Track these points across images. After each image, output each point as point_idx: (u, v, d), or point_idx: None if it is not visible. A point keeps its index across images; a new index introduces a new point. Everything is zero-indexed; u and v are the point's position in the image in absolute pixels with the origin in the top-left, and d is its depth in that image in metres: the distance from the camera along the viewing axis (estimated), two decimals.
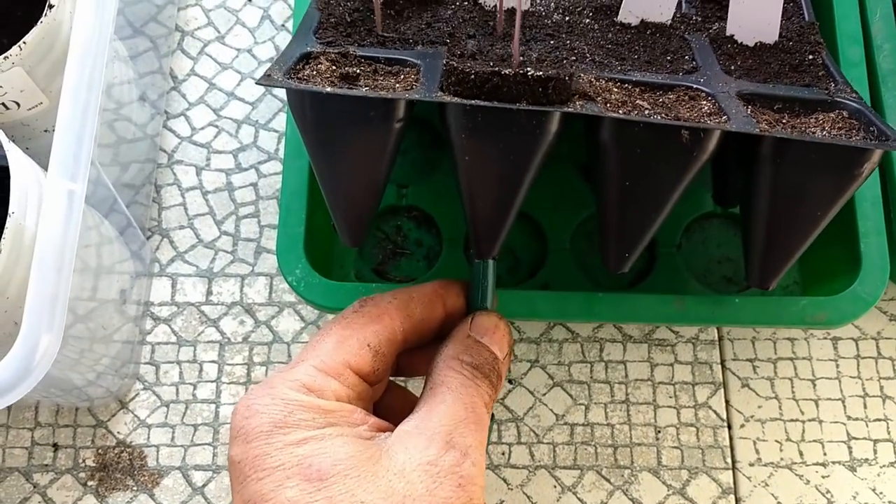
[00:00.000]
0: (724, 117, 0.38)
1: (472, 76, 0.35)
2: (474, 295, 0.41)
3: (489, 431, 0.39)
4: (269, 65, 0.60)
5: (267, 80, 0.37)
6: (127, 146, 0.54)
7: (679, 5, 0.46)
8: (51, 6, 0.41)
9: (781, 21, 0.46)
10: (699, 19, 0.47)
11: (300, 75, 0.38)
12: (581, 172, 0.54)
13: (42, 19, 0.41)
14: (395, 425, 0.35)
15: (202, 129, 0.59)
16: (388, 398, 0.40)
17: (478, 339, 0.38)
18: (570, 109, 0.36)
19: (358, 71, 0.38)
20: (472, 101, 0.35)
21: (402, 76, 0.39)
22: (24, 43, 0.41)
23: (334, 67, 0.39)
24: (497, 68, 0.35)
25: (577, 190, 0.53)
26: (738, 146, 0.40)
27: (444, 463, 0.33)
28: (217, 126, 0.59)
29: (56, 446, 0.52)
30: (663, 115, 0.38)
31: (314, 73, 0.39)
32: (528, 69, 0.35)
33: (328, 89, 0.36)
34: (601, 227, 0.41)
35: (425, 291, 0.39)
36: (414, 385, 0.51)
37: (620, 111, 0.37)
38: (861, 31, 0.50)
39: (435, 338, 0.39)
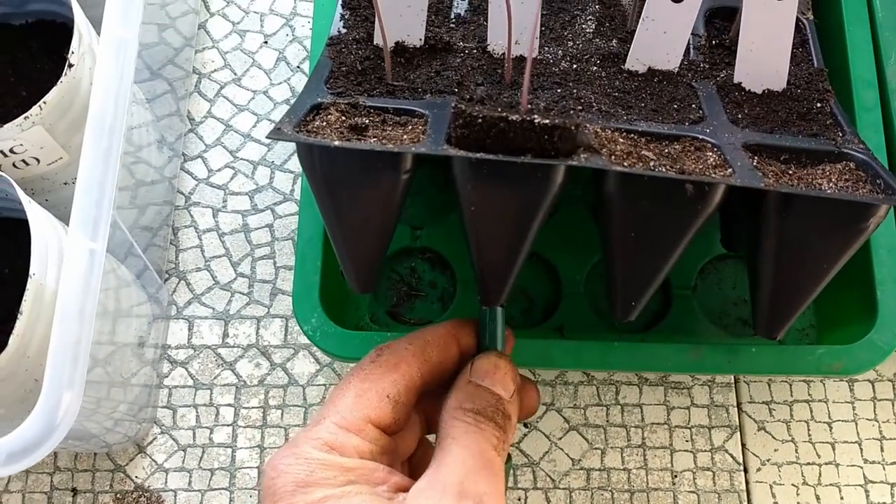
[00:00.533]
0: (730, 170, 0.38)
1: (480, 120, 0.35)
2: (482, 341, 0.41)
3: (507, 475, 0.39)
4: (284, 106, 0.61)
5: (277, 134, 0.37)
6: (145, 189, 0.54)
7: (687, 52, 0.47)
8: (70, 65, 0.42)
9: (790, 67, 0.46)
10: (707, 66, 0.47)
11: (310, 127, 0.39)
12: (594, 214, 0.54)
13: (62, 78, 0.42)
14: None
15: (219, 170, 0.59)
16: (420, 454, 0.40)
17: (478, 384, 0.37)
18: (574, 163, 0.36)
19: (367, 122, 0.39)
20: (478, 155, 0.35)
21: (409, 127, 0.40)
22: (45, 103, 0.41)
23: (344, 118, 0.39)
24: (504, 114, 0.35)
25: (592, 232, 0.53)
26: (743, 197, 0.40)
27: None
28: (233, 167, 0.59)
29: (75, 491, 0.53)
30: (668, 166, 0.38)
31: (324, 123, 0.39)
32: (535, 117, 0.36)
33: (336, 143, 0.36)
34: (607, 276, 0.41)
35: (440, 333, 0.40)
36: None
37: (625, 163, 0.37)
38: (876, 74, 0.50)
39: (452, 379, 0.39)
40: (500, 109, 0.37)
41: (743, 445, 0.53)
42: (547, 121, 0.35)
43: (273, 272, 0.57)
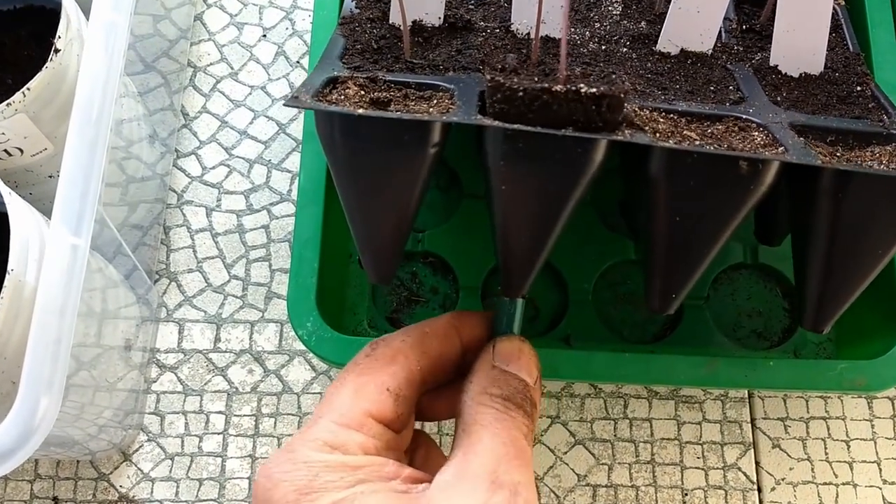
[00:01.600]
0: (781, 148, 0.35)
1: (521, 93, 0.32)
2: (498, 328, 0.38)
3: None
4: (283, 102, 0.59)
5: (295, 102, 0.34)
6: (136, 186, 0.52)
7: (719, 35, 0.44)
8: (57, 50, 0.40)
9: (826, 51, 0.43)
10: (741, 49, 0.45)
11: (328, 100, 0.36)
12: (605, 219, 0.52)
13: (48, 64, 0.39)
14: (430, 475, 0.32)
15: (213, 168, 0.57)
16: (413, 449, 0.37)
17: (504, 369, 0.35)
18: (619, 137, 0.33)
19: (388, 96, 0.36)
20: (515, 126, 0.32)
21: (434, 101, 0.37)
22: (28, 89, 0.39)
23: (363, 93, 0.36)
24: (547, 84, 0.32)
25: (601, 238, 0.51)
26: (791, 180, 0.38)
27: None
28: (228, 165, 0.57)
29: (56, 500, 0.50)
30: (715, 146, 0.35)
31: (342, 97, 0.36)
32: (581, 85, 0.32)
33: (360, 111, 0.33)
34: (646, 266, 0.38)
35: (440, 324, 0.37)
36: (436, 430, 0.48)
37: (670, 141, 0.34)
38: None
39: (455, 374, 0.37)
40: (537, 80, 0.34)
41: (757, 463, 0.51)
42: (594, 90, 0.32)
43: (268, 275, 0.55)
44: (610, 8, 0.45)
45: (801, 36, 0.42)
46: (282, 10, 0.61)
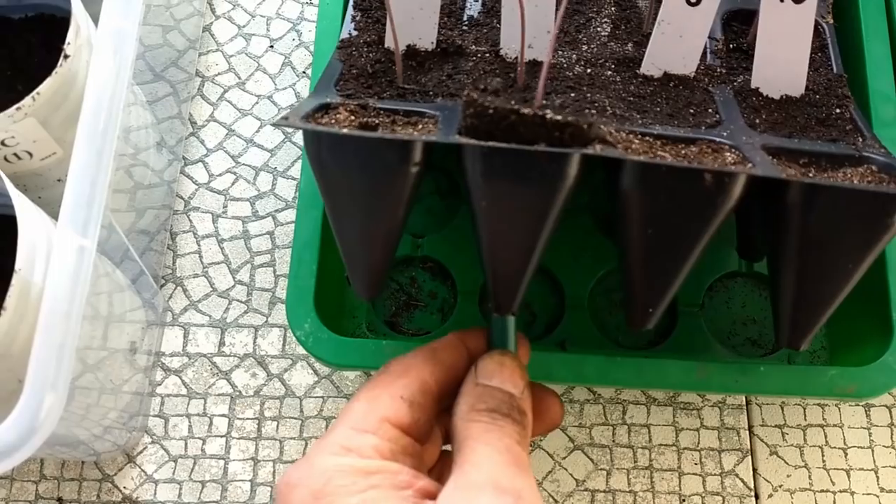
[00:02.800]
0: (749, 165, 0.37)
1: (490, 111, 0.34)
2: (491, 346, 0.39)
3: None
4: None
5: (283, 122, 0.36)
6: (143, 192, 0.53)
7: (704, 56, 0.45)
8: (66, 56, 0.41)
9: (809, 72, 0.44)
10: (724, 71, 0.45)
11: (318, 123, 0.37)
12: (601, 225, 0.52)
13: (57, 69, 0.40)
14: None
15: (220, 175, 0.58)
16: (440, 467, 0.38)
17: (487, 384, 0.36)
18: (589, 151, 0.34)
19: (377, 121, 0.38)
20: (490, 143, 0.34)
21: (420, 126, 0.38)
22: (38, 94, 0.40)
23: (353, 118, 0.38)
24: (516, 107, 0.34)
25: (597, 244, 0.52)
26: (763, 196, 0.38)
27: None
28: (235, 173, 0.58)
29: (61, 500, 0.51)
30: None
31: (333, 121, 0.38)
32: (547, 112, 0.34)
33: (345, 131, 0.35)
34: (624, 281, 0.39)
35: (447, 338, 0.38)
36: None
37: (641, 157, 0.36)
38: (895, 89, 0.49)
39: None
40: (513, 102, 0.35)
41: (754, 470, 0.51)
42: (559, 117, 0.34)
43: (273, 280, 0.56)
44: (598, 29, 0.47)
45: (781, 59, 0.43)
46: (289, 21, 0.62)
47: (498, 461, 0.32)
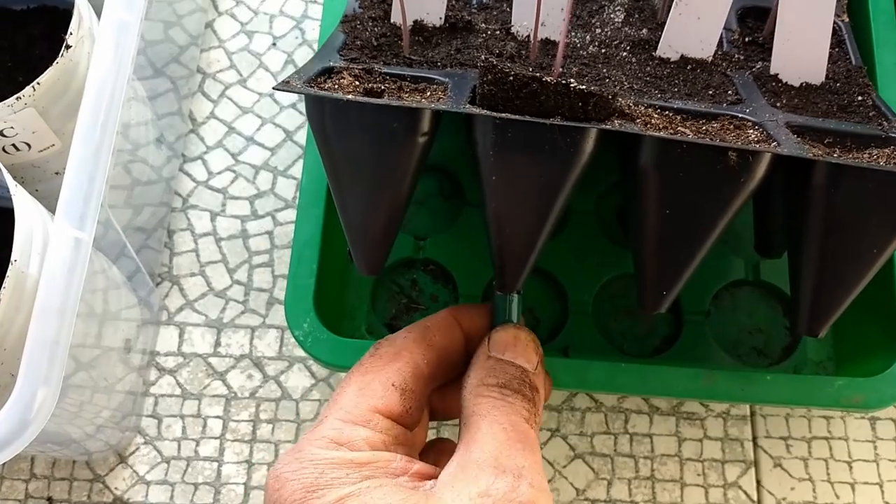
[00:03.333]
0: (774, 143, 0.35)
1: (511, 78, 0.33)
2: (497, 320, 0.38)
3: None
4: (291, 110, 0.59)
5: (285, 86, 0.35)
6: (141, 189, 0.52)
7: (720, 43, 0.44)
8: (68, 46, 0.40)
9: (828, 64, 0.43)
10: (741, 58, 0.45)
11: (321, 88, 0.36)
12: (607, 231, 0.52)
13: (58, 59, 0.40)
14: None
15: (219, 173, 0.57)
16: (437, 455, 0.37)
17: (499, 358, 0.35)
18: (608, 126, 0.33)
19: (382, 87, 0.36)
20: (503, 115, 0.33)
21: (428, 93, 0.37)
22: (38, 84, 0.39)
23: (357, 83, 0.37)
24: (538, 74, 0.33)
25: (602, 249, 0.51)
26: (786, 179, 0.38)
27: (498, 490, 0.30)
28: (234, 171, 0.57)
29: (51, 500, 0.50)
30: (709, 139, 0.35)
31: (336, 86, 0.36)
32: (571, 80, 0.33)
33: (349, 97, 0.34)
34: (637, 263, 0.38)
35: (439, 317, 0.37)
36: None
37: (662, 133, 0.35)
38: None
39: (463, 369, 0.36)
40: (531, 69, 0.34)
41: (758, 482, 0.51)
42: (584, 87, 0.33)
43: (271, 281, 0.55)
44: (612, 15, 0.46)
45: (801, 45, 0.42)
46: (292, 19, 0.61)
47: (502, 439, 0.31)
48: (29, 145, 0.42)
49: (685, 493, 0.50)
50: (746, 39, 0.46)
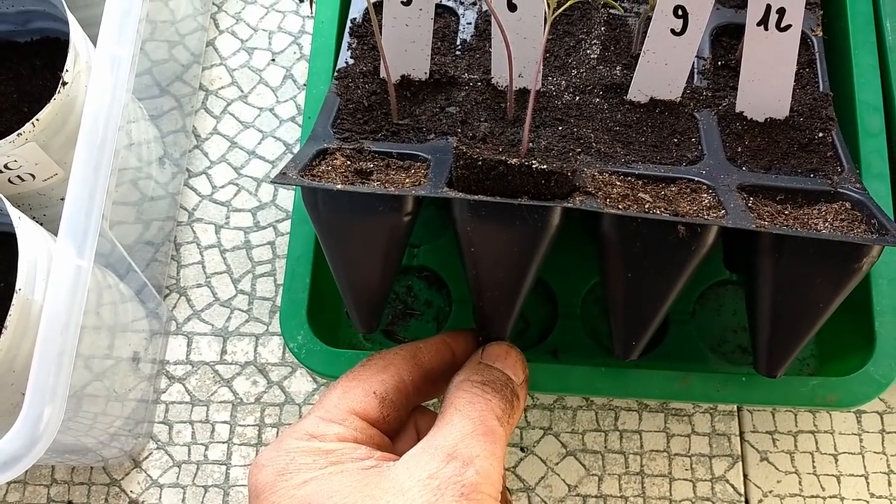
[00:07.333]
0: (723, 211, 0.38)
1: (479, 163, 0.37)
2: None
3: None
4: (290, 124, 0.61)
5: (282, 179, 0.39)
6: (149, 204, 0.55)
7: (691, 77, 0.46)
8: (64, 83, 0.42)
9: (796, 88, 0.45)
10: (710, 94, 0.46)
11: (316, 171, 0.40)
12: (594, 236, 0.53)
13: (55, 96, 0.42)
14: None
15: (223, 187, 0.60)
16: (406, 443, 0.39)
17: (489, 364, 0.38)
18: (570, 205, 0.36)
19: (371, 166, 0.40)
20: (475, 197, 0.36)
21: (412, 171, 0.41)
22: (38, 120, 0.42)
23: (349, 163, 0.41)
24: (503, 157, 0.36)
25: (589, 253, 0.52)
26: (741, 233, 0.40)
27: (445, 474, 0.32)
28: (237, 184, 0.60)
29: None
30: (664, 208, 0.38)
31: (329, 168, 0.40)
32: (533, 162, 0.36)
33: (339, 186, 0.38)
34: (607, 315, 0.41)
35: (433, 340, 0.40)
36: None
37: (620, 205, 0.38)
38: (882, 100, 0.49)
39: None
40: (500, 150, 0.38)
41: (745, 476, 0.52)
42: (544, 166, 0.36)
43: (273, 290, 0.57)
44: (588, 52, 0.48)
45: (766, 84, 0.44)
46: (290, 35, 0.63)
47: (465, 430, 0.34)
48: (33, 176, 0.44)
49: (674, 488, 0.52)
50: (719, 63, 0.48)
